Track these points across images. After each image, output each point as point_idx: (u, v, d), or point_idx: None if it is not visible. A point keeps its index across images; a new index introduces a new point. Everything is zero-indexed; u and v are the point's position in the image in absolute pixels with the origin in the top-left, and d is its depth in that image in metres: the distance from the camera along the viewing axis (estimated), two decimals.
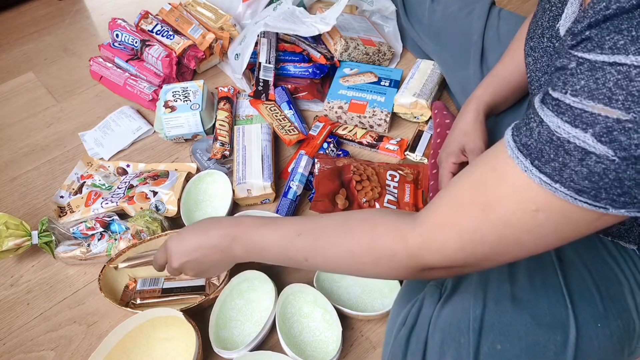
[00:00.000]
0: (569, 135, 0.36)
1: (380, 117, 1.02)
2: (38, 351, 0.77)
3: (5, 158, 1.07)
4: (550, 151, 0.37)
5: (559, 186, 0.37)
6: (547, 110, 0.38)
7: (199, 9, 1.30)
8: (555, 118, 0.37)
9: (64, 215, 0.92)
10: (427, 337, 0.55)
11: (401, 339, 0.58)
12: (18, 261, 0.89)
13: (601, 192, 0.36)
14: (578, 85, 0.35)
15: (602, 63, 0.34)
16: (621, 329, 0.53)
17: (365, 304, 0.77)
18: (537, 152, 0.38)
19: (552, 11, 0.56)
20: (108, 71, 1.18)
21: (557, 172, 0.37)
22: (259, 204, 0.93)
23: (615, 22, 0.34)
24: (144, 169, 1.00)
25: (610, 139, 0.34)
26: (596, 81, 0.34)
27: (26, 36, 1.41)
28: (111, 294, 0.77)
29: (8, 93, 1.23)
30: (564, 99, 0.37)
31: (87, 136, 1.08)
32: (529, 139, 0.39)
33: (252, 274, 0.79)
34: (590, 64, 0.35)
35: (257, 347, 0.73)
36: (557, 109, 0.37)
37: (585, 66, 0.35)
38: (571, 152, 0.36)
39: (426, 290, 0.61)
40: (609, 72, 0.34)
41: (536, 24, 0.60)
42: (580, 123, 0.35)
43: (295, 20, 1.09)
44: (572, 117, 0.36)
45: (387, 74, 1.10)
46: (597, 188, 0.36)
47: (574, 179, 0.36)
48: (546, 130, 0.38)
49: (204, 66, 1.23)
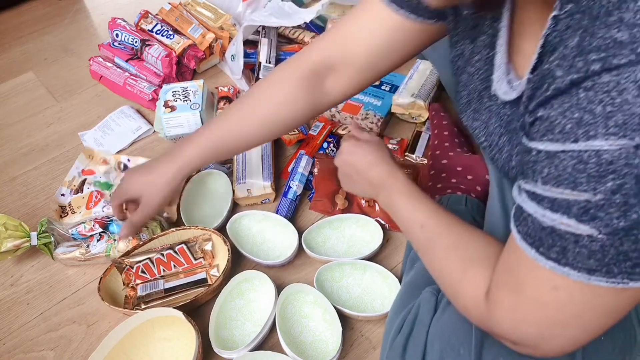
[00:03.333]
0: (554, 222, 0.37)
1: (373, 120, 1.02)
2: (38, 351, 0.77)
3: (5, 158, 1.07)
4: (548, 238, 0.38)
5: (567, 269, 0.37)
6: (528, 201, 0.39)
7: (199, 8, 1.30)
8: (537, 207, 0.38)
9: (65, 216, 0.92)
10: (426, 346, 0.55)
11: (398, 346, 0.57)
12: (18, 261, 0.89)
13: (612, 268, 0.35)
14: (544, 173, 0.36)
15: (556, 152, 0.35)
16: (622, 339, 0.53)
17: (365, 304, 0.77)
18: (538, 240, 0.39)
19: (480, 75, 0.53)
20: (108, 71, 1.18)
21: (562, 255, 0.37)
22: (259, 203, 0.93)
23: (559, 101, 0.34)
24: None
25: (590, 217, 0.34)
26: (556, 168, 0.35)
27: (26, 36, 1.41)
28: (114, 303, 0.77)
29: (8, 93, 1.23)
30: (536, 189, 0.38)
31: (87, 136, 1.08)
32: (527, 228, 0.40)
33: (252, 274, 0.79)
34: (546, 153, 0.36)
35: (257, 347, 0.73)
36: (535, 198, 0.38)
37: (543, 154, 0.36)
38: (564, 236, 0.37)
39: (422, 297, 0.61)
40: (563, 158, 0.34)
41: (468, 88, 0.56)
42: (559, 208, 0.36)
43: (282, 14, 1.10)
44: (549, 203, 0.37)
45: (390, 78, 1.10)
46: (605, 264, 0.36)
47: (579, 259, 0.36)
48: (535, 219, 0.39)
49: (203, 66, 1.23)
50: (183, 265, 0.81)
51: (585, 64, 0.32)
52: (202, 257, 0.82)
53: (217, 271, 0.82)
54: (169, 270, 0.81)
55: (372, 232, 0.85)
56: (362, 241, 0.85)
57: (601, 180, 0.33)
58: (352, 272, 0.80)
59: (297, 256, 0.84)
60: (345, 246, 0.85)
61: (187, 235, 0.84)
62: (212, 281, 0.80)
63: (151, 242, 0.83)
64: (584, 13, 0.34)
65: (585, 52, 0.33)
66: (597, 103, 0.32)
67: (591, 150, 0.33)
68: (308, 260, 0.84)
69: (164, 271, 0.80)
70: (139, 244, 0.83)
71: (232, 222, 0.86)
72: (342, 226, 0.87)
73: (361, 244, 0.84)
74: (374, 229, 0.84)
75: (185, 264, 0.81)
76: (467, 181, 0.84)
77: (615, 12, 0.32)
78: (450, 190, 0.83)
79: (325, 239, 0.86)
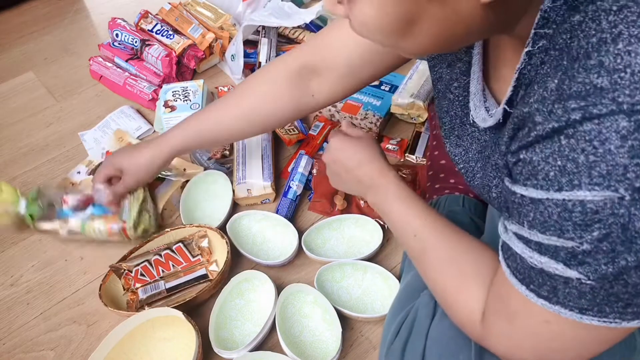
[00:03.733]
0: (542, 264, 0.36)
1: (372, 120, 1.02)
2: (38, 351, 0.77)
3: (5, 158, 1.07)
4: (538, 277, 0.38)
5: (558, 307, 0.37)
6: (516, 241, 0.39)
7: (199, 8, 1.30)
8: (525, 249, 0.38)
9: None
10: (424, 351, 0.54)
11: (395, 350, 0.57)
12: (18, 261, 0.89)
13: (604, 308, 0.35)
14: (529, 217, 0.36)
15: (540, 199, 0.34)
16: (623, 347, 0.52)
17: (365, 305, 0.77)
18: (528, 277, 0.39)
19: (460, 101, 0.53)
20: (108, 71, 1.18)
21: (553, 294, 0.37)
22: (259, 203, 0.93)
23: (541, 147, 0.34)
24: None
25: (578, 262, 0.34)
26: (542, 214, 0.35)
27: (26, 36, 1.41)
28: (117, 308, 0.77)
29: (8, 93, 1.23)
30: (523, 232, 0.37)
31: (87, 136, 1.08)
32: (516, 264, 0.40)
33: (252, 274, 0.79)
34: (530, 199, 0.35)
35: (257, 347, 0.73)
36: (522, 239, 0.38)
37: (527, 199, 0.36)
38: (554, 277, 0.36)
39: (420, 300, 0.61)
40: (548, 205, 0.34)
41: (449, 115, 0.56)
42: (546, 252, 0.36)
43: (282, 14, 1.10)
44: (537, 246, 0.36)
45: (390, 78, 1.10)
46: (597, 304, 0.35)
47: (570, 299, 0.36)
48: (523, 258, 0.38)
49: (203, 66, 1.23)
50: (182, 264, 0.81)
51: (564, 112, 0.32)
52: (199, 254, 0.82)
53: (216, 266, 0.82)
54: (168, 271, 0.81)
55: (371, 232, 0.85)
56: (362, 241, 0.85)
57: (587, 228, 0.32)
58: (352, 272, 0.80)
59: (297, 256, 0.84)
60: (345, 247, 0.85)
61: (182, 234, 0.84)
62: (212, 277, 0.80)
63: (147, 244, 0.84)
64: (561, 51, 0.33)
65: (564, 99, 0.32)
66: (580, 152, 0.31)
67: (575, 200, 0.32)
68: (308, 261, 0.84)
69: (163, 272, 0.80)
70: (136, 247, 0.83)
71: (232, 222, 0.86)
72: (342, 227, 0.87)
73: (361, 244, 0.84)
74: (374, 229, 0.84)
75: (183, 263, 0.81)
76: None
77: (594, 55, 0.31)
78: (448, 190, 0.83)
79: (325, 241, 0.86)
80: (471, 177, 0.54)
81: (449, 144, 0.58)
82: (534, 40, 0.36)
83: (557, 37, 0.34)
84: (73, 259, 0.88)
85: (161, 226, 0.90)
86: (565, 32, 0.33)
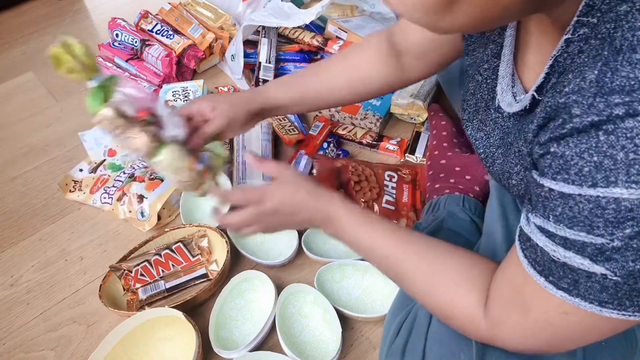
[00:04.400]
0: (566, 259, 0.36)
1: (372, 120, 1.02)
2: (38, 351, 0.77)
3: (5, 158, 1.07)
4: (558, 269, 0.37)
5: (579, 300, 0.37)
6: (538, 234, 0.38)
7: (199, 8, 1.30)
8: (548, 242, 0.37)
9: (72, 192, 0.95)
10: (425, 351, 0.54)
11: (396, 350, 0.57)
12: (18, 261, 0.89)
13: (624, 302, 0.35)
14: (557, 212, 0.35)
15: (571, 194, 0.34)
16: (624, 344, 0.52)
17: (365, 305, 0.77)
18: (547, 269, 0.38)
19: (488, 84, 0.52)
20: (108, 71, 1.18)
21: (573, 286, 0.37)
22: None
23: (576, 141, 0.33)
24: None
25: (605, 259, 0.34)
26: (571, 209, 0.34)
27: (26, 36, 1.41)
28: (117, 309, 0.77)
29: (8, 93, 1.23)
30: (547, 226, 0.37)
31: (87, 136, 1.08)
32: (536, 256, 0.39)
33: (252, 274, 0.79)
34: (560, 193, 0.35)
35: (257, 347, 0.73)
36: (547, 233, 0.37)
37: (556, 194, 0.35)
38: (577, 271, 0.36)
39: None
40: (579, 201, 0.33)
41: (475, 97, 0.55)
42: (572, 247, 0.35)
43: (282, 14, 1.10)
44: (562, 240, 0.36)
45: None
46: (617, 298, 0.35)
47: (591, 292, 0.36)
48: (544, 251, 0.38)
49: (203, 66, 1.23)
50: (182, 264, 0.81)
51: (606, 106, 0.31)
52: (199, 254, 0.82)
53: (216, 266, 0.82)
54: (168, 271, 0.81)
55: None
56: None
57: (619, 226, 0.32)
58: (352, 273, 0.80)
59: (297, 256, 0.84)
60: (345, 247, 0.85)
61: (182, 234, 0.85)
62: (212, 276, 0.80)
63: (147, 244, 0.84)
64: (602, 41, 0.33)
65: (606, 92, 0.31)
66: (619, 149, 0.30)
67: (610, 197, 0.31)
68: (308, 261, 0.84)
69: (163, 272, 0.80)
70: (136, 247, 0.83)
71: None
72: None
73: None
74: None
75: (183, 262, 0.81)
76: (466, 181, 0.84)
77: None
78: (448, 190, 0.83)
79: (325, 241, 0.86)
80: (491, 162, 0.53)
81: (470, 127, 0.57)
82: (575, 27, 0.35)
83: (601, 26, 0.33)
84: (73, 259, 0.88)
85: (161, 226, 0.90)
86: (610, 22, 0.32)
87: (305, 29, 1.23)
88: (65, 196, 0.96)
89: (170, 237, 0.85)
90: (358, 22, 1.22)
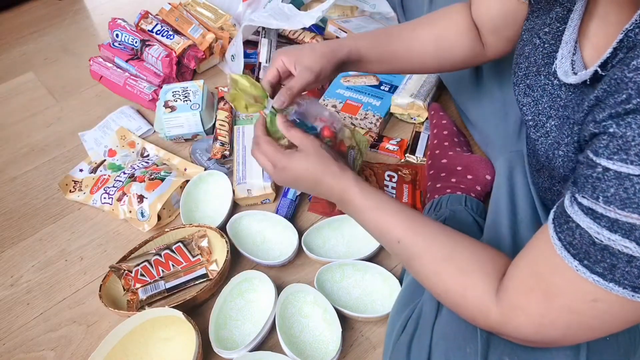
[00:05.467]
0: (610, 241, 0.35)
1: (372, 120, 1.02)
2: (38, 351, 0.77)
3: (5, 158, 1.07)
4: (597, 253, 0.37)
5: (612, 285, 0.36)
6: (582, 215, 0.37)
7: (199, 8, 1.30)
8: (593, 224, 0.36)
9: (72, 192, 0.95)
10: (431, 345, 0.54)
11: (402, 345, 0.57)
12: (18, 261, 0.89)
13: None
14: (608, 193, 0.34)
15: (628, 174, 0.33)
16: (627, 340, 0.52)
17: (365, 305, 0.77)
18: (584, 252, 0.38)
19: (545, 48, 0.51)
20: (108, 71, 1.18)
21: (609, 271, 0.36)
22: (259, 204, 0.93)
23: (638, 120, 0.32)
24: (163, 156, 1.01)
25: None
26: (626, 191, 0.33)
27: (26, 36, 1.41)
28: (117, 309, 0.77)
29: (8, 93, 1.23)
30: (597, 207, 0.36)
31: (87, 136, 1.08)
32: (572, 239, 0.38)
33: (252, 274, 0.79)
34: (615, 173, 0.34)
35: (257, 347, 0.73)
36: (592, 215, 0.36)
37: (611, 174, 0.34)
38: (617, 255, 0.35)
39: (425, 295, 0.60)
40: (636, 182, 0.32)
41: (528, 60, 0.54)
42: (619, 229, 0.34)
43: (282, 16, 1.10)
44: (609, 223, 0.35)
45: (390, 78, 1.10)
46: None
47: (627, 277, 0.35)
48: (586, 233, 0.37)
49: (203, 66, 1.23)
50: (182, 264, 0.81)
51: None
52: (199, 254, 0.82)
53: (216, 266, 0.82)
54: (168, 271, 0.81)
55: None
56: (362, 241, 0.85)
57: None
58: (352, 273, 0.80)
59: (297, 256, 0.84)
60: (345, 247, 0.85)
61: (182, 234, 0.85)
62: (212, 276, 0.80)
63: (147, 244, 0.84)
64: None
65: None
66: None
67: None
68: (308, 261, 0.84)
69: (163, 272, 0.80)
70: (136, 247, 0.83)
71: (232, 222, 0.86)
72: (342, 227, 0.87)
73: (361, 244, 0.84)
74: None
75: (183, 263, 0.81)
76: (467, 181, 0.84)
77: None
78: (449, 189, 0.83)
79: (325, 241, 0.86)
80: (542, 134, 0.51)
81: (517, 91, 0.56)
82: None
83: None
84: (73, 259, 0.88)
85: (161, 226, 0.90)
86: None
87: (305, 29, 1.23)
88: (65, 196, 0.96)
89: (170, 237, 0.85)
90: (358, 22, 1.22)
